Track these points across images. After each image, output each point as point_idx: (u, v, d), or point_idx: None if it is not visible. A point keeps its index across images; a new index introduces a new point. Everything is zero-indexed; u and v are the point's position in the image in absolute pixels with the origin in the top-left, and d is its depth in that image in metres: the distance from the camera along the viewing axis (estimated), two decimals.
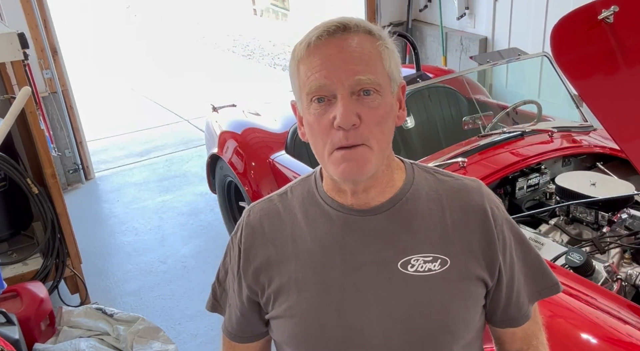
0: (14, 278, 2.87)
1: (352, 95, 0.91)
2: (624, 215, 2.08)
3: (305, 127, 0.99)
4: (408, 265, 0.98)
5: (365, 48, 0.92)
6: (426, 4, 5.38)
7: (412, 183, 1.03)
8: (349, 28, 0.92)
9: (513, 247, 1.05)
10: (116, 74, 8.63)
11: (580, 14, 1.77)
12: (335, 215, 1.02)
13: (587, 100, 1.91)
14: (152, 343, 2.64)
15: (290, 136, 3.17)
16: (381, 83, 0.93)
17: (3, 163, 2.76)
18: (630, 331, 1.57)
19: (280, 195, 1.10)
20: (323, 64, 0.91)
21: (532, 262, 1.09)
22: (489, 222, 1.01)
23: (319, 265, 1.01)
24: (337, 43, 0.91)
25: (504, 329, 1.10)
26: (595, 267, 1.85)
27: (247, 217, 1.10)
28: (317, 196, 1.05)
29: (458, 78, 3.23)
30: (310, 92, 0.93)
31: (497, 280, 1.03)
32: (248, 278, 1.06)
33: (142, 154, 5.40)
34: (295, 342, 1.04)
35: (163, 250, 3.72)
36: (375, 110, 0.92)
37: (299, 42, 0.96)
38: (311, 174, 1.10)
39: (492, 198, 1.05)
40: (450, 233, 1.00)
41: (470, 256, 1.00)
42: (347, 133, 0.91)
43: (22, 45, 2.64)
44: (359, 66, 0.91)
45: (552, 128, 2.70)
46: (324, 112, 0.93)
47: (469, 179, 1.08)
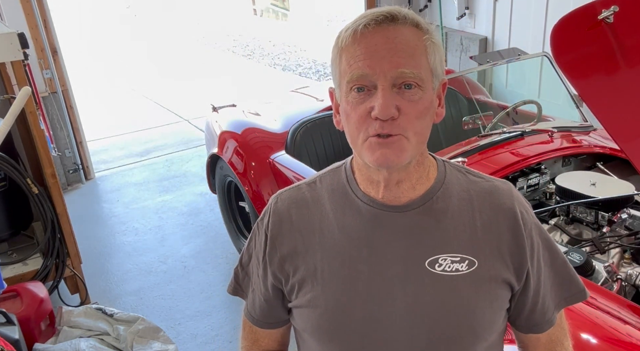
0: (14, 278, 2.87)
1: (393, 87, 0.90)
2: (624, 215, 2.08)
3: (341, 115, 0.98)
4: (436, 264, 0.98)
5: (411, 41, 0.91)
6: (426, 4, 5.38)
7: (444, 182, 1.02)
8: (396, 19, 0.90)
9: (541, 252, 1.04)
10: (116, 73, 8.63)
11: (580, 14, 1.77)
12: (365, 208, 1.01)
13: (587, 100, 1.91)
14: (152, 343, 2.64)
15: (290, 136, 3.17)
16: (424, 77, 0.91)
17: (3, 163, 2.76)
18: (630, 331, 1.57)
19: (309, 184, 1.09)
20: (367, 53, 0.90)
21: (559, 268, 1.07)
22: (518, 225, 1.00)
23: (346, 258, 1.00)
24: (383, 33, 0.90)
25: (528, 335, 1.09)
26: (595, 267, 1.85)
27: (275, 204, 1.08)
28: (348, 188, 1.04)
29: (458, 78, 3.23)
30: (351, 80, 0.91)
31: (523, 285, 1.02)
32: (273, 265, 1.06)
33: (142, 154, 5.41)
34: (318, 332, 1.03)
35: (163, 250, 3.72)
36: (415, 104, 0.91)
37: (344, 28, 0.94)
38: (341, 165, 1.09)
39: (522, 202, 1.04)
40: (480, 235, 0.99)
41: (498, 258, 0.99)
42: (384, 124, 0.90)
43: (22, 45, 2.64)
44: (404, 59, 0.89)
45: (552, 128, 2.70)
46: (362, 101, 0.91)
47: (500, 181, 1.06)
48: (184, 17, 12.34)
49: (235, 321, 2.95)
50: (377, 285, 0.99)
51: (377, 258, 0.99)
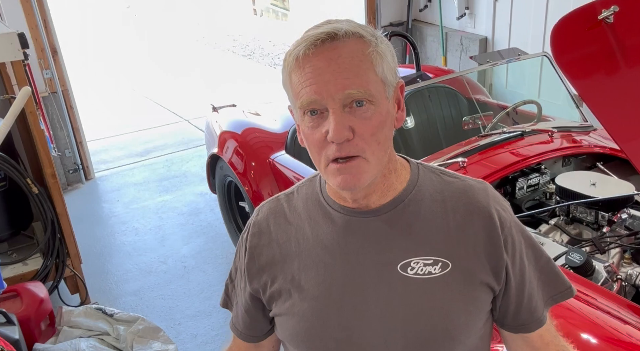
0: (14, 278, 2.87)
1: (344, 107, 0.89)
2: (624, 215, 2.08)
3: (301, 136, 0.98)
4: (408, 268, 0.97)
5: (355, 57, 0.89)
6: (426, 4, 5.38)
7: (416, 185, 1.02)
8: (337, 36, 0.89)
9: (524, 251, 1.03)
10: (116, 73, 8.63)
11: (580, 14, 1.77)
12: (337, 216, 1.02)
13: (587, 100, 1.91)
14: (152, 343, 2.64)
15: (290, 136, 3.17)
16: (373, 92, 0.90)
17: (3, 163, 2.76)
18: (630, 331, 1.57)
19: (287, 195, 1.10)
20: (313, 78, 0.89)
21: (543, 265, 1.06)
22: (494, 225, 0.99)
23: (320, 265, 1.01)
24: (325, 54, 0.89)
25: (516, 334, 1.07)
26: (595, 267, 1.84)
27: (256, 216, 1.11)
28: (320, 197, 1.05)
29: (458, 78, 3.23)
30: (302, 106, 0.92)
31: (505, 284, 1.01)
32: (252, 276, 1.07)
33: (142, 154, 5.40)
34: (296, 340, 1.04)
35: (163, 250, 3.72)
36: (369, 121, 0.90)
37: (288, 52, 0.94)
38: (317, 174, 1.09)
39: (498, 200, 1.03)
40: (453, 236, 0.99)
41: (473, 260, 0.98)
42: (341, 146, 0.90)
43: (22, 45, 2.64)
44: (349, 79, 0.88)
45: (552, 128, 2.70)
46: (317, 126, 0.92)
47: (476, 180, 1.05)
48: (184, 17, 12.33)
49: None
50: (351, 291, 0.99)
51: (351, 265, 1.00)
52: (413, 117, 3.04)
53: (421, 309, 0.97)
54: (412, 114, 3.04)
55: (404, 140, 2.98)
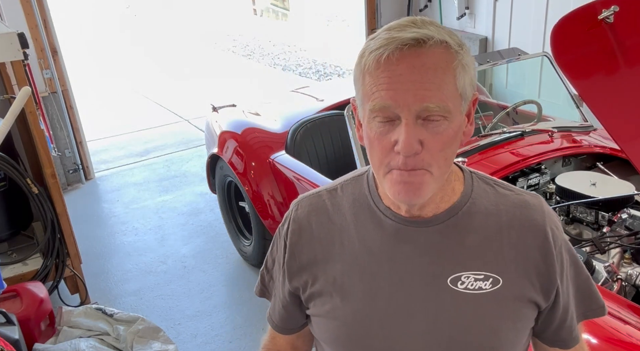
0: (14, 278, 2.87)
1: (418, 119, 0.86)
2: (624, 215, 2.08)
3: (364, 137, 0.94)
4: (458, 282, 0.95)
5: (439, 69, 0.84)
6: (426, 4, 5.38)
7: (470, 196, 0.99)
8: (424, 42, 0.84)
9: (569, 269, 1.01)
10: (116, 74, 8.63)
11: (580, 14, 1.77)
12: (388, 222, 0.98)
13: (587, 100, 1.91)
14: (152, 343, 2.64)
15: (290, 136, 3.17)
16: (451, 108, 0.86)
17: (3, 163, 2.76)
18: (630, 331, 1.57)
19: (330, 192, 1.06)
20: (391, 83, 0.84)
21: (582, 283, 1.05)
22: (548, 244, 0.96)
23: (366, 272, 0.98)
24: (409, 61, 0.84)
25: (552, 348, 1.07)
26: (595, 267, 1.85)
27: (295, 211, 1.06)
28: (370, 200, 1.01)
29: None
30: (373, 109, 0.87)
31: (553, 303, 0.99)
32: (292, 273, 1.05)
33: (142, 154, 5.41)
34: (336, 344, 1.03)
35: (163, 250, 3.72)
36: (440, 136, 0.86)
37: (367, 48, 0.88)
38: (363, 173, 1.06)
39: (552, 218, 1.00)
40: (506, 252, 0.96)
41: (524, 277, 0.96)
42: (407, 160, 0.86)
43: (22, 45, 2.64)
44: (430, 91, 0.84)
45: (552, 128, 2.70)
46: (386, 132, 0.87)
47: (530, 194, 1.02)
48: (183, 17, 12.34)
49: (235, 321, 2.95)
50: (397, 302, 0.97)
51: (398, 274, 0.97)
52: None
53: (469, 325, 0.95)
54: None
55: None
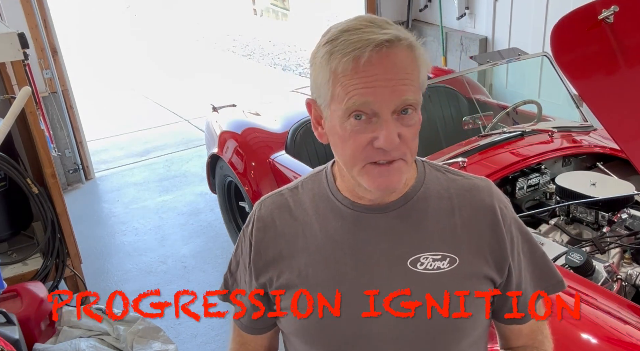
0: (14, 278, 2.87)
1: (393, 114, 0.91)
2: (624, 215, 2.08)
3: (331, 135, 0.97)
4: (417, 263, 1.00)
5: (408, 65, 0.91)
6: (426, 3, 5.38)
7: (424, 182, 1.05)
8: (394, 44, 0.89)
9: (520, 246, 1.07)
10: (116, 74, 8.63)
11: (580, 14, 1.77)
12: (347, 212, 1.03)
13: (587, 100, 1.91)
14: (152, 343, 2.64)
15: (290, 136, 3.17)
16: (419, 100, 0.93)
17: (3, 163, 2.76)
18: (630, 331, 1.57)
19: (291, 190, 1.11)
20: (368, 82, 0.89)
21: (538, 259, 1.10)
22: (498, 222, 1.03)
23: (330, 261, 1.02)
24: (383, 61, 0.88)
25: (510, 326, 1.12)
26: (595, 267, 1.84)
27: (259, 210, 1.10)
28: (329, 193, 1.06)
29: (458, 78, 3.23)
30: (351, 107, 0.90)
31: (506, 279, 1.05)
32: (258, 270, 1.08)
33: (142, 154, 5.40)
34: (304, 335, 1.05)
35: (163, 250, 3.72)
36: (413, 127, 0.94)
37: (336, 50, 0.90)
38: (322, 170, 1.10)
39: (501, 198, 1.07)
40: (460, 232, 1.02)
41: (479, 255, 1.02)
42: (387, 153, 0.91)
43: (22, 45, 2.64)
44: (405, 86, 0.90)
45: (552, 128, 2.70)
46: (362, 131, 0.91)
47: (479, 178, 1.09)
48: (183, 17, 12.34)
49: None
50: (362, 286, 1.00)
51: (361, 260, 1.01)
52: None
53: (431, 303, 0.99)
54: None
55: None
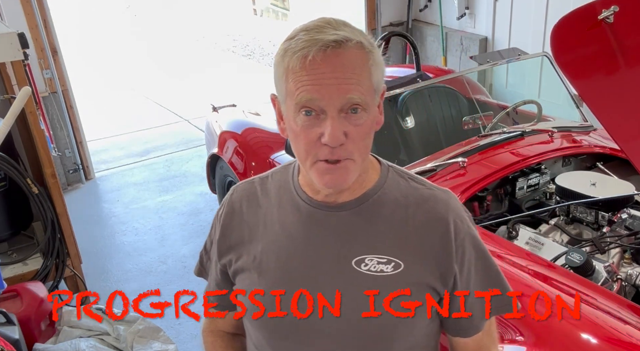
0: (14, 278, 2.87)
1: (340, 112, 0.93)
2: (624, 215, 2.08)
3: (288, 131, 1.01)
4: (362, 264, 1.03)
5: (357, 66, 0.93)
6: (426, 4, 5.38)
7: (383, 187, 1.07)
8: (342, 44, 0.92)
9: (473, 262, 1.07)
10: (116, 73, 8.63)
11: (580, 14, 1.77)
12: (304, 206, 1.07)
13: (587, 100, 1.91)
14: (152, 343, 2.64)
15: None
16: (368, 100, 0.95)
17: (3, 163, 2.76)
18: (630, 331, 1.57)
19: (262, 179, 1.17)
20: (315, 80, 0.92)
21: (491, 278, 1.10)
22: (449, 235, 1.04)
23: (282, 251, 1.07)
24: (330, 61, 0.91)
25: (455, 338, 1.14)
26: (595, 267, 1.84)
27: (231, 195, 1.18)
28: (292, 186, 1.10)
29: (458, 78, 3.23)
30: (299, 102, 0.94)
31: (451, 291, 1.06)
32: (222, 252, 1.15)
33: (142, 154, 5.40)
34: (254, 321, 1.09)
35: (163, 250, 3.72)
36: (361, 127, 0.95)
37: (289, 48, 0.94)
38: (292, 163, 1.14)
39: (458, 212, 1.08)
40: (410, 240, 1.04)
41: (425, 265, 1.04)
42: (333, 150, 0.94)
43: (22, 45, 2.64)
44: (351, 85, 0.92)
45: (552, 128, 2.70)
46: (311, 126, 0.95)
47: (441, 190, 1.10)
48: (183, 17, 12.33)
49: None
50: (307, 280, 1.05)
51: (311, 254, 1.05)
52: (413, 117, 3.04)
53: (369, 304, 1.02)
54: (412, 114, 3.04)
55: (404, 140, 2.98)
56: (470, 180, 2.33)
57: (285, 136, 1.04)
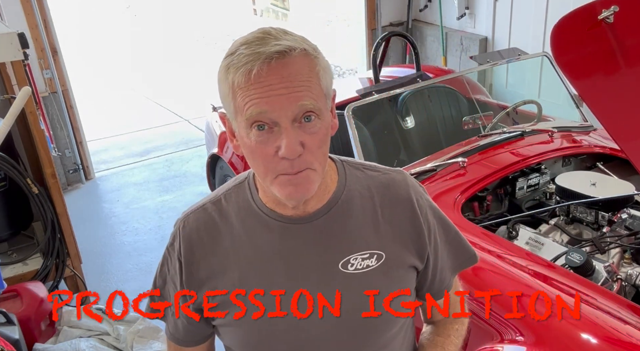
0: (14, 278, 2.87)
1: (294, 122, 0.91)
2: (624, 215, 2.08)
3: (243, 147, 0.97)
4: (348, 265, 1.03)
5: (304, 74, 0.91)
6: (426, 4, 5.38)
7: (345, 184, 1.07)
8: (286, 54, 0.89)
9: (436, 231, 1.12)
10: (116, 73, 8.63)
11: (580, 14, 1.76)
12: (274, 224, 1.04)
13: (587, 100, 1.91)
14: (152, 343, 2.64)
15: None
16: (321, 107, 0.93)
17: (3, 163, 2.76)
18: (630, 331, 1.57)
19: (214, 203, 1.09)
20: (263, 92, 0.89)
21: (452, 239, 1.16)
22: (415, 213, 1.08)
23: (263, 273, 1.04)
24: (277, 72, 0.89)
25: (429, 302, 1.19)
26: (595, 267, 1.84)
27: (183, 229, 1.09)
28: (254, 206, 1.06)
29: (458, 78, 3.23)
30: (250, 117, 0.91)
31: (425, 264, 1.11)
32: (193, 289, 1.07)
33: (142, 154, 5.40)
34: (246, 348, 1.07)
35: (163, 250, 3.71)
36: (317, 134, 0.93)
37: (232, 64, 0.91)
38: (243, 180, 1.10)
39: (417, 189, 1.12)
40: (382, 228, 1.06)
41: (402, 247, 1.07)
42: (292, 163, 0.92)
43: (22, 45, 2.64)
44: (301, 92, 0.90)
45: (552, 128, 2.70)
46: (266, 141, 0.92)
47: (395, 171, 1.13)
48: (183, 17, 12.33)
49: None
50: (295, 294, 1.03)
51: (293, 269, 1.03)
52: (413, 117, 3.04)
53: (363, 300, 1.03)
54: (412, 114, 3.04)
55: (404, 140, 2.98)
56: (470, 180, 2.33)
57: (240, 153, 1.00)
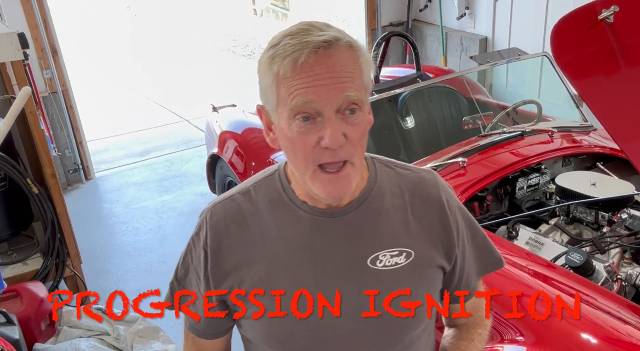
0: (14, 278, 2.87)
1: (337, 113, 0.92)
2: (624, 215, 2.08)
3: (282, 139, 0.98)
4: (377, 261, 1.03)
5: (349, 65, 0.92)
6: (426, 4, 5.38)
7: (376, 181, 1.07)
8: (332, 44, 0.91)
9: (464, 232, 1.12)
10: (116, 73, 8.63)
11: (580, 14, 1.77)
12: (305, 216, 1.04)
13: (587, 100, 1.91)
14: (152, 343, 2.64)
15: None
16: (363, 99, 0.94)
17: (3, 163, 2.76)
18: (630, 331, 1.57)
19: (244, 194, 1.09)
20: (310, 82, 0.90)
21: (480, 242, 1.17)
22: (445, 213, 1.08)
23: (291, 266, 1.04)
24: (323, 61, 0.90)
25: (453, 305, 1.18)
26: (595, 267, 1.84)
27: (210, 218, 1.09)
28: (286, 198, 1.06)
29: (458, 78, 3.23)
30: (294, 108, 0.91)
31: (452, 264, 1.11)
32: (217, 280, 1.07)
33: (142, 154, 5.40)
34: (269, 341, 1.06)
35: (163, 250, 3.72)
36: (358, 127, 0.94)
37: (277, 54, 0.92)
38: (274, 172, 1.10)
39: (446, 189, 1.12)
40: (413, 227, 1.06)
41: (431, 246, 1.07)
42: (334, 153, 0.92)
43: (22, 45, 2.64)
44: (347, 83, 0.91)
45: (552, 128, 2.70)
46: (308, 131, 0.92)
47: (425, 171, 1.14)
48: (183, 17, 12.33)
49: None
50: (323, 289, 1.03)
51: (321, 263, 1.03)
52: (413, 117, 3.04)
53: (391, 297, 1.03)
54: (412, 114, 3.04)
55: (404, 140, 2.98)
56: (470, 180, 2.33)
57: (276, 147, 1.01)
